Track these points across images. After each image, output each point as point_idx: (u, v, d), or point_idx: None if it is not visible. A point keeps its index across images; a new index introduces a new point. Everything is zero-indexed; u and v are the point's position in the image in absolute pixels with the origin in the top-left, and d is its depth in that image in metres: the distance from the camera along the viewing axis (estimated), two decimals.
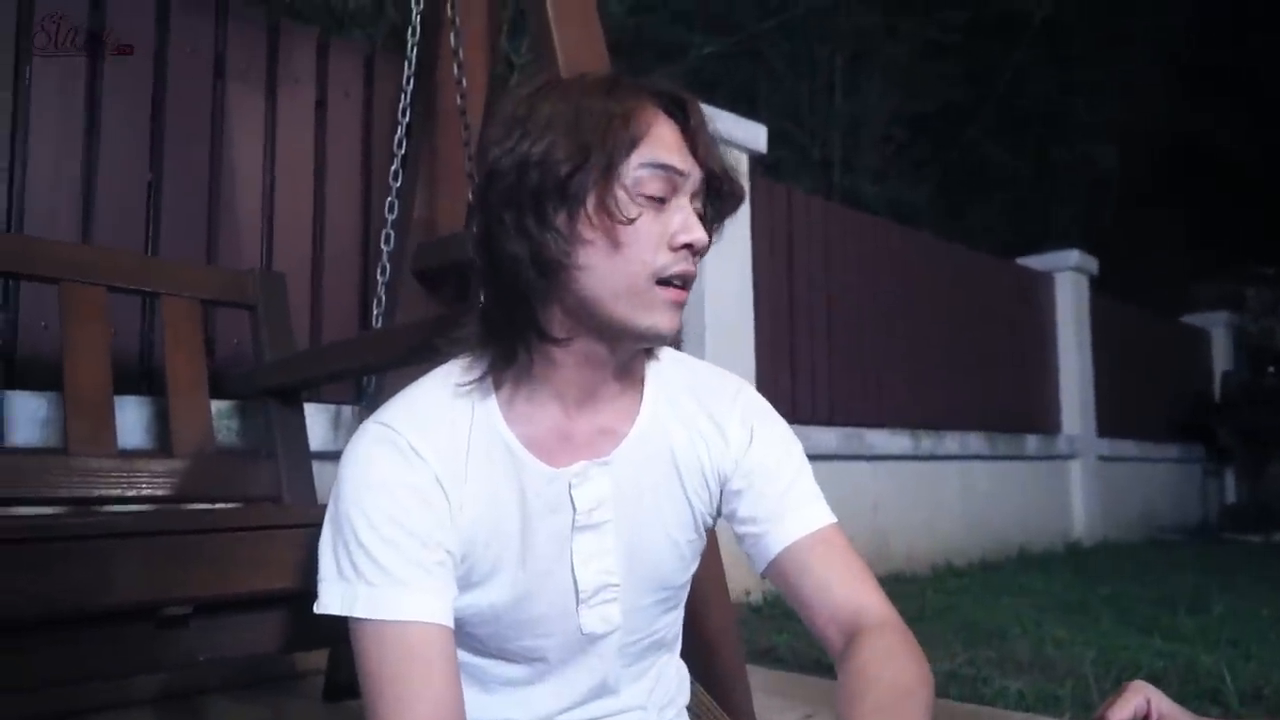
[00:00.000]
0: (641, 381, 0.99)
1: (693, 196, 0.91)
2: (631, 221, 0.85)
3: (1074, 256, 6.87)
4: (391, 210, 2.16)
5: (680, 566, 1.01)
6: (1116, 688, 2.57)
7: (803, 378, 4.62)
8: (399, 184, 2.16)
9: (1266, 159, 9.38)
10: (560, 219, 0.85)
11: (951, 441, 5.50)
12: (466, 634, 0.94)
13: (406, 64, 2.13)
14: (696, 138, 0.90)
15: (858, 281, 5.07)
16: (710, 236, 0.93)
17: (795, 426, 4.13)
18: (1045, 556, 5.83)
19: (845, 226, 5.10)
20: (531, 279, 0.86)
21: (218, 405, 2.36)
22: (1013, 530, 5.91)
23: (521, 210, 0.85)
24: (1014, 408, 6.28)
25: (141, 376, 2.39)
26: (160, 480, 1.82)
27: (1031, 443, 6.29)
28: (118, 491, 1.75)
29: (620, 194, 0.85)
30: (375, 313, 2.16)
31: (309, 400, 2.22)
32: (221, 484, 1.89)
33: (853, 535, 3.90)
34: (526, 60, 4.72)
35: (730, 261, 4.10)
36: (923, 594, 4.11)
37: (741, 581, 3.96)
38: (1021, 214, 9.08)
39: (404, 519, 0.85)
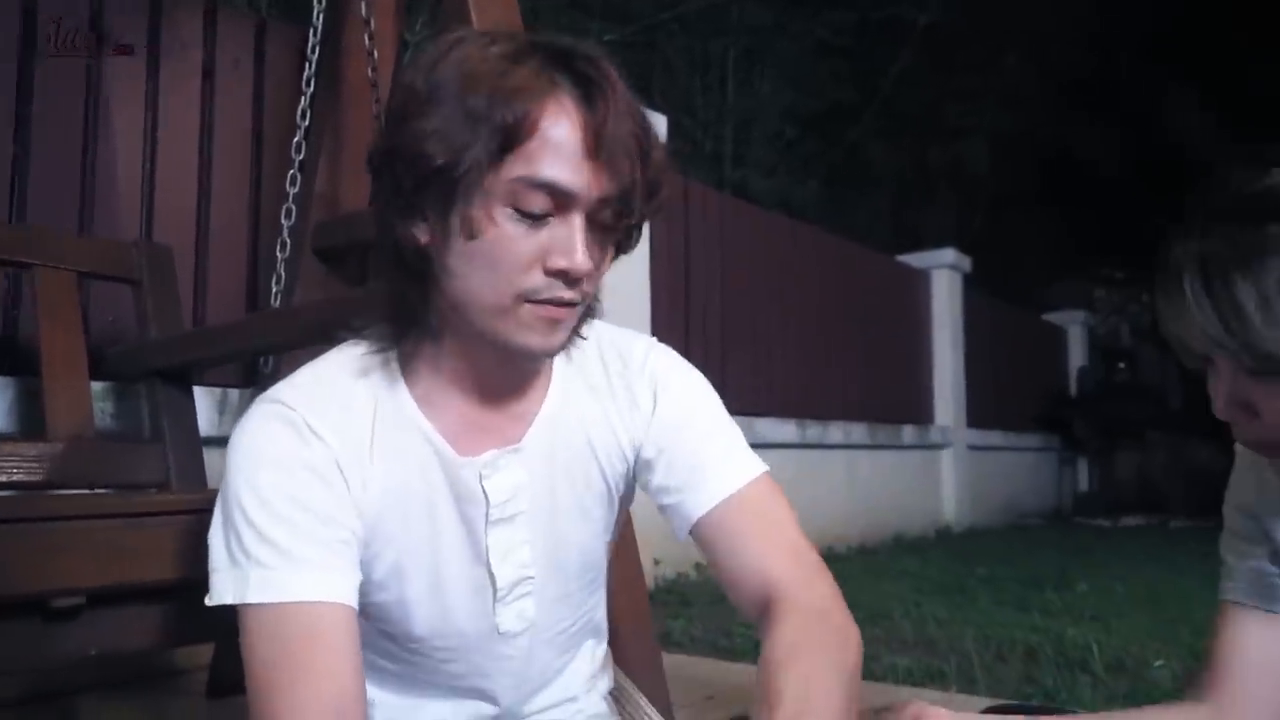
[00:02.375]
0: (551, 359, 0.92)
1: (592, 211, 0.79)
2: (496, 242, 0.76)
3: (949, 255, 7.19)
4: (294, 184, 2.06)
5: (600, 544, 0.98)
6: (997, 661, 2.68)
7: (696, 367, 4.67)
8: (301, 157, 2.06)
9: (1124, 166, 10.04)
10: (431, 213, 0.78)
11: (836, 431, 5.68)
12: (374, 633, 0.90)
13: (312, 32, 2.04)
14: (605, 141, 0.76)
15: (751, 274, 5.16)
16: (608, 254, 0.84)
17: None
18: (919, 541, 6.10)
19: (740, 220, 5.19)
20: (413, 266, 0.80)
21: (93, 385, 2.21)
22: (890, 516, 6.15)
23: (400, 193, 0.78)
24: (893, 399, 6.54)
25: (3, 355, 2.22)
26: (33, 465, 1.69)
27: (908, 432, 6.56)
28: None
29: (486, 210, 0.76)
30: (274, 290, 2.06)
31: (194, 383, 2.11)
32: (103, 469, 1.77)
33: None
34: (420, 38, 4.60)
35: (631, 255, 4.11)
36: None
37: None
38: (902, 213, 9.44)
39: (301, 495, 0.79)
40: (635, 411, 0.94)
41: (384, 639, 0.91)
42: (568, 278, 0.78)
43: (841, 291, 6.03)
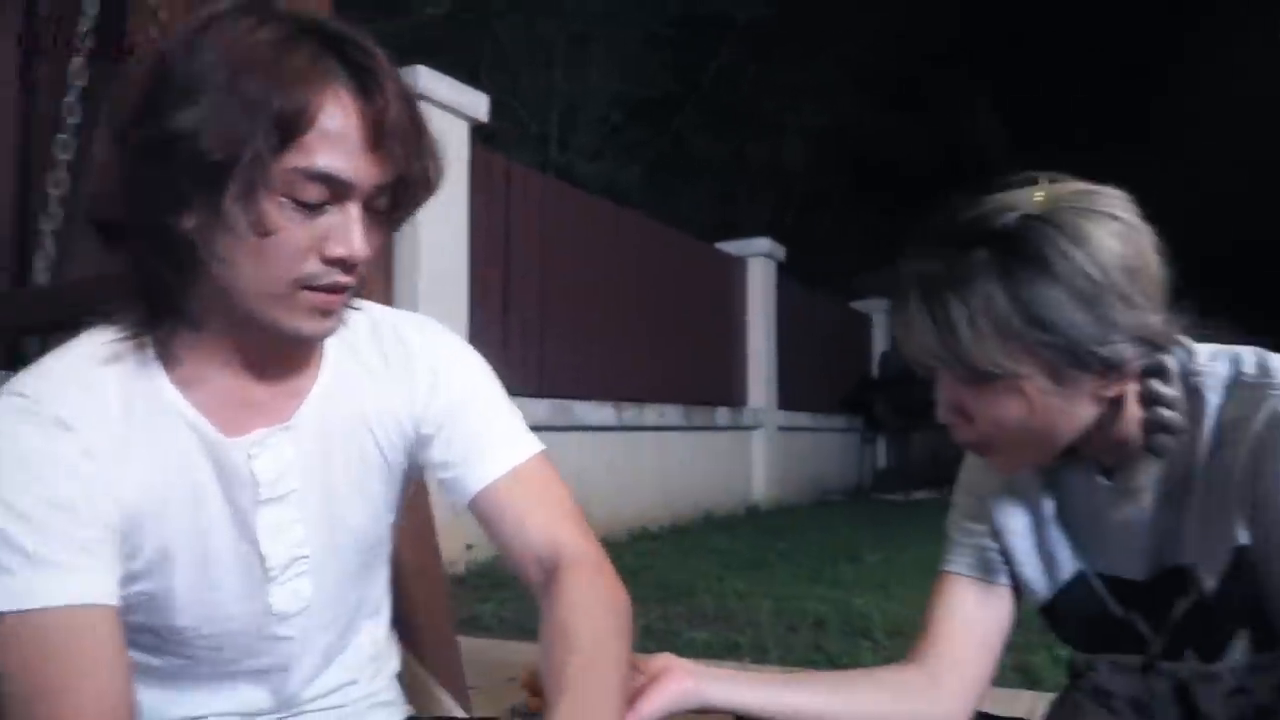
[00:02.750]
0: None
1: (369, 198, 0.79)
2: (272, 233, 0.75)
3: (765, 244, 7.50)
4: (65, 150, 1.90)
5: (379, 524, 0.97)
6: (789, 631, 2.83)
7: (515, 350, 4.68)
8: (75, 120, 1.91)
9: (927, 165, 10.76)
10: (199, 203, 0.75)
11: (651, 413, 5.82)
12: (139, 627, 0.86)
13: None
14: (384, 131, 0.76)
15: (573, 257, 5.20)
16: (383, 237, 0.83)
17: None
18: (729, 519, 6.36)
19: (563, 202, 5.22)
20: (175, 252, 0.77)
21: None
22: (702, 495, 6.38)
23: (166, 182, 0.74)
24: (708, 382, 6.76)
25: None
26: None
27: (721, 414, 6.81)
28: None
29: (261, 200, 0.74)
30: (39, 265, 1.90)
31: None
32: None
33: None
34: None
35: (446, 232, 4.06)
36: (620, 558, 4.31)
37: (446, 552, 3.96)
38: (724, 203, 9.74)
39: (50, 495, 0.75)
40: (414, 389, 0.94)
41: (146, 633, 0.88)
42: (345, 265, 0.78)
43: (661, 277, 6.18)
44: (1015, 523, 1.00)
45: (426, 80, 3.97)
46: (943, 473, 8.81)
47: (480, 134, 4.50)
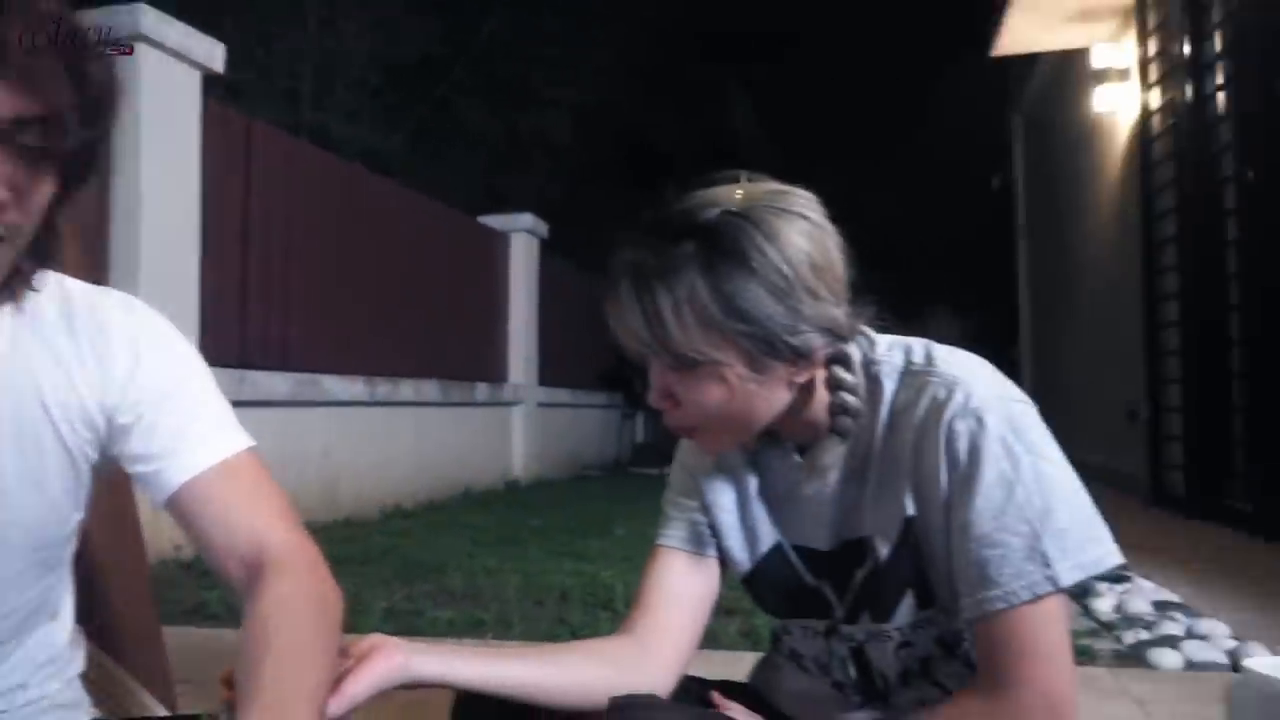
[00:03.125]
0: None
1: (6, 132, 0.71)
2: None
3: (527, 219, 7.47)
4: None
5: (58, 519, 0.89)
6: (535, 606, 2.85)
7: (255, 321, 4.37)
8: None
9: (690, 152, 11.14)
10: None
11: (407, 388, 5.66)
12: None
13: None
14: (6, 54, 0.69)
15: (321, 224, 4.93)
16: (41, 185, 0.75)
17: (244, 371, 3.88)
18: (487, 494, 6.33)
19: (311, 165, 4.92)
20: None
21: None
22: (460, 471, 6.30)
23: None
24: (467, 357, 6.67)
25: None
26: None
27: (481, 390, 6.74)
28: None
29: None
30: None
31: None
32: None
33: (301, 483, 3.83)
34: None
35: (174, 191, 3.71)
36: (369, 537, 4.20)
37: (170, 536, 3.66)
38: (491, 175, 9.59)
39: None
40: (108, 375, 0.86)
41: None
42: None
43: (420, 249, 6.00)
44: (722, 498, 1.05)
45: (151, 22, 3.59)
46: None
47: (217, 87, 4.14)
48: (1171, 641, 2.21)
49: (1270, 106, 4.06)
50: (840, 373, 0.93)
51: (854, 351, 0.94)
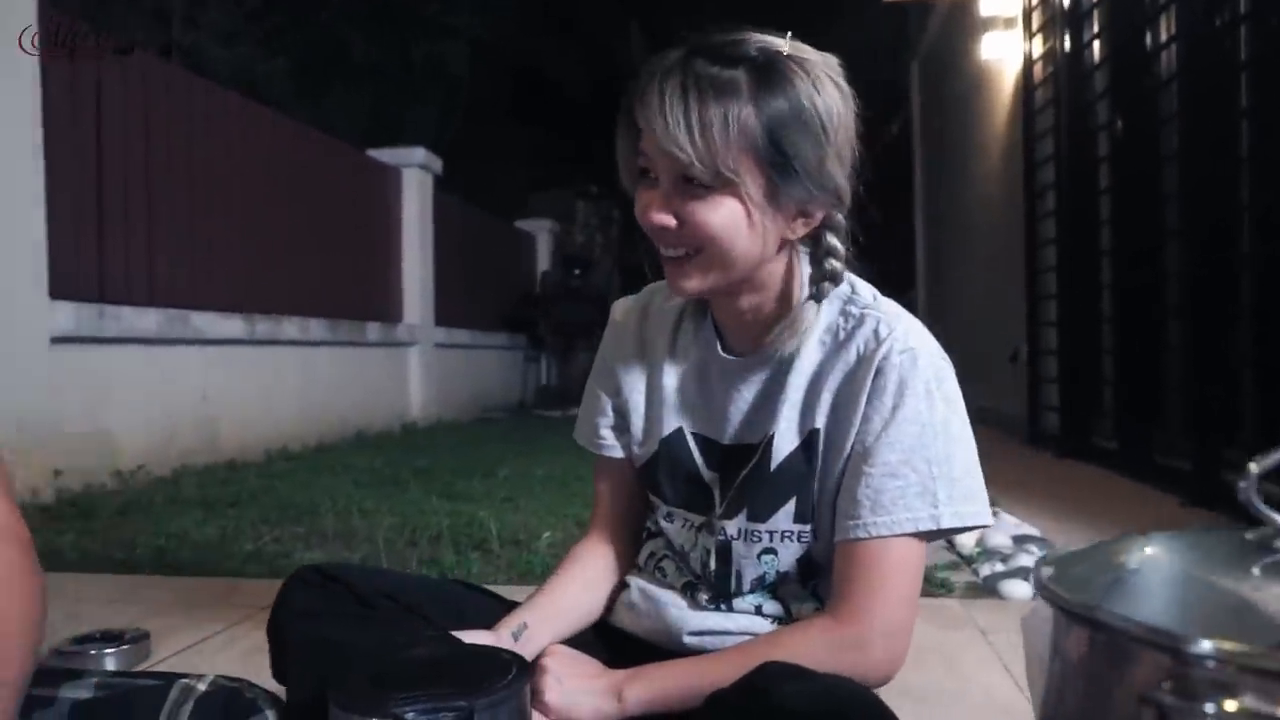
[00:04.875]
0: None
1: None
2: None
3: (420, 154, 7.23)
4: None
5: None
6: (407, 546, 2.79)
7: (115, 254, 4.11)
8: None
9: (587, 89, 10.91)
10: None
11: (291, 326, 5.46)
12: None
13: None
14: None
15: (190, 152, 4.65)
16: None
17: (104, 306, 3.68)
18: (381, 437, 6.19)
19: (176, 88, 4.62)
20: None
21: None
22: (352, 413, 6.14)
23: None
24: (358, 296, 6.46)
25: None
26: None
27: (373, 330, 6.55)
28: None
29: None
30: None
31: None
32: None
33: (178, 425, 3.68)
34: None
35: (6, 113, 3.43)
36: (245, 480, 4.05)
37: (29, 479, 3.47)
38: (382, 107, 9.22)
39: None
40: None
41: None
42: None
43: (304, 182, 5.74)
44: (636, 381, 1.14)
45: None
46: None
47: (57, 3, 3.81)
48: (1024, 573, 2.29)
49: (1139, 56, 4.16)
50: (831, 239, 0.99)
51: (841, 223, 0.99)
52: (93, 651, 1.67)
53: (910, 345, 0.96)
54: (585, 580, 1.16)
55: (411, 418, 7.05)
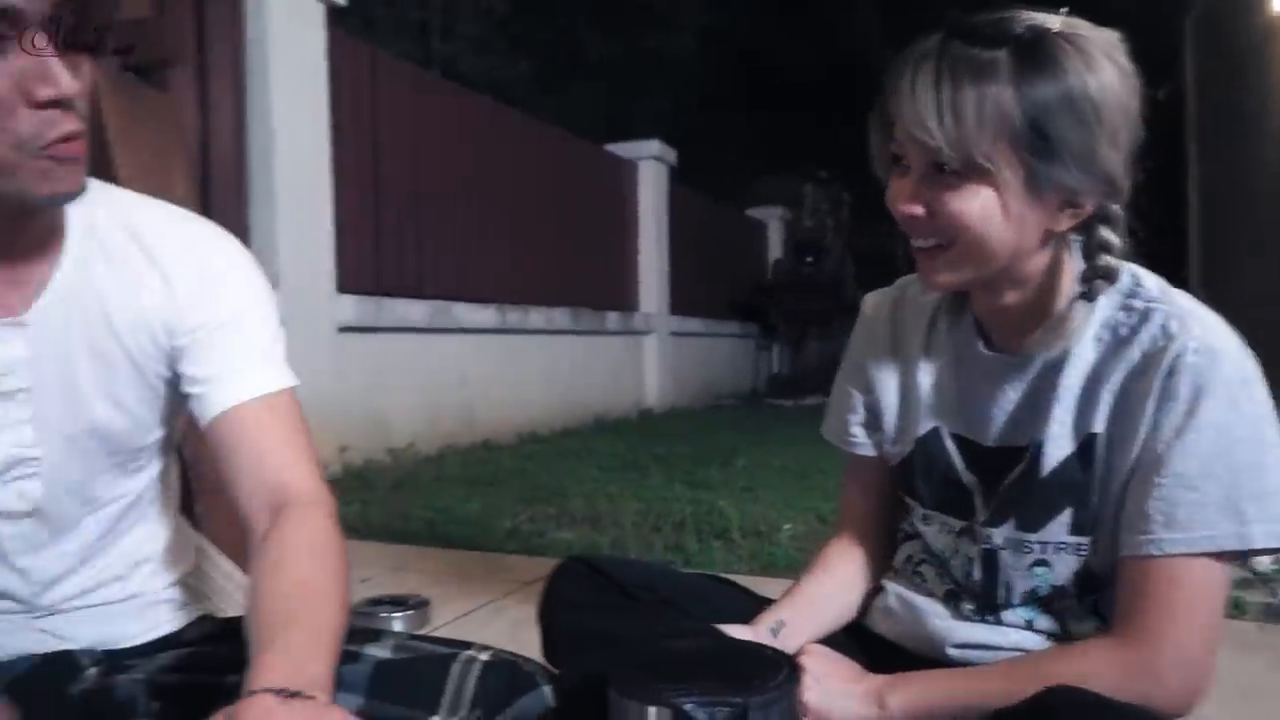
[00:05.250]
0: (63, 222, 0.85)
1: (54, 23, 0.72)
2: None
3: (655, 146, 7.39)
4: None
5: (134, 426, 0.92)
6: (652, 532, 2.87)
7: (388, 250, 4.52)
8: None
9: (815, 72, 10.69)
10: None
11: (538, 316, 5.76)
12: None
13: None
14: None
15: (450, 155, 5.02)
16: (90, 68, 0.76)
17: (381, 299, 4.03)
18: (619, 423, 6.41)
19: (437, 97, 4.99)
20: None
21: None
22: (593, 399, 6.40)
23: None
24: (598, 286, 6.72)
25: None
26: None
27: (612, 319, 6.79)
28: None
29: None
30: None
31: None
32: None
33: (441, 408, 3.96)
34: None
35: (304, 122, 3.84)
36: (500, 461, 4.34)
37: (320, 454, 3.88)
38: (615, 101, 9.50)
39: None
40: (173, 294, 0.88)
41: None
42: (62, 105, 0.73)
43: (547, 178, 6.04)
44: (889, 379, 1.09)
45: None
46: (833, 379, 9.22)
47: (340, 16, 4.22)
48: None
49: None
50: (1105, 233, 0.90)
51: (1118, 215, 0.90)
52: (383, 615, 1.85)
53: (1208, 344, 0.86)
54: (840, 580, 1.14)
55: (648, 404, 7.26)
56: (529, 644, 1.17)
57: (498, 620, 1.98)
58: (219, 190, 3.57)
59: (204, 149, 3.53)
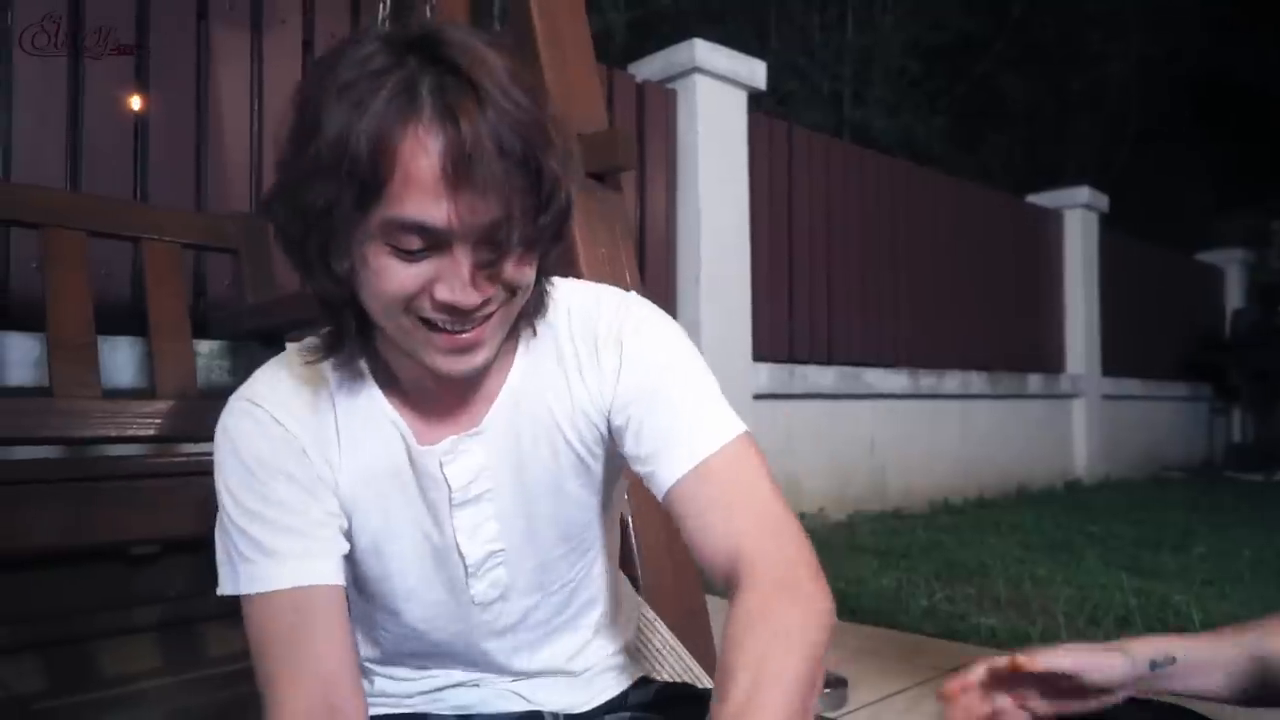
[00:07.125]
0: (514, 339, 0.90)
1: (477, 240, 0.75)
2: (380, 275, 0.75)
3: (1084, 194, 6.78)
4: None
5: (579, 511, 0.97)
6: (1089, 625, 2.59)
7: (800, 317, 4.64)
8: None
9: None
10: (326, 230, 0.76)
11: (952, 380, 5.52)
12: (364, 605, 0.96)
13: (381, 5, 2.11)
14: (469, 168, 0.70)
15: (859, 219, 5.04)
16: (525, 264, 0.79)
17: (793, 366, 4.16)
18: (1044, 494, 5.89)
19: (847, 163, 5.06)
20: (328, 278, 0.79)
21: (209, 345, 2.41)
22: (1013, 468, 5.96)
23: (290, 212, 0.77)
24: (1017, 347, 6.28)
25: (133, 318, 2.44)
26: (146, 421, 1.85)
27: (1034, 381, 6.30)
28: (105, 432, 1.80)
29: (369, 248, 0.75)
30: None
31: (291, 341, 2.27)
32: (205, 425, 1.93)
33: (851, 473, 3.97)
34: None
35: (726, 201, 4.09)
36: (913, 531, 4.18)
37: None
38: (1037, 148, 8.90)
39: (269, 492, 0.85)
40: (600, 377, 0.90)
41: (376, 610, 0.98)
42: (456, 311, 0.77)
43: (961, 235, 5.81)
44: None
45: (703, 54, 4.01)
46: None
47: (759, 101, 4.47)
48: None
49: None
50: None
51: None
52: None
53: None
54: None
55: (1075, 474, 6.59)
56: None
57: (916, 711, 1.89)
58: (652, 271, 3.92)
59: (640, 234, 3.91)
